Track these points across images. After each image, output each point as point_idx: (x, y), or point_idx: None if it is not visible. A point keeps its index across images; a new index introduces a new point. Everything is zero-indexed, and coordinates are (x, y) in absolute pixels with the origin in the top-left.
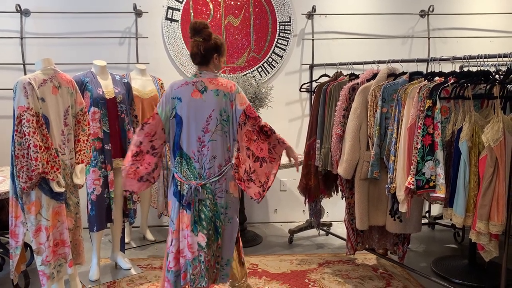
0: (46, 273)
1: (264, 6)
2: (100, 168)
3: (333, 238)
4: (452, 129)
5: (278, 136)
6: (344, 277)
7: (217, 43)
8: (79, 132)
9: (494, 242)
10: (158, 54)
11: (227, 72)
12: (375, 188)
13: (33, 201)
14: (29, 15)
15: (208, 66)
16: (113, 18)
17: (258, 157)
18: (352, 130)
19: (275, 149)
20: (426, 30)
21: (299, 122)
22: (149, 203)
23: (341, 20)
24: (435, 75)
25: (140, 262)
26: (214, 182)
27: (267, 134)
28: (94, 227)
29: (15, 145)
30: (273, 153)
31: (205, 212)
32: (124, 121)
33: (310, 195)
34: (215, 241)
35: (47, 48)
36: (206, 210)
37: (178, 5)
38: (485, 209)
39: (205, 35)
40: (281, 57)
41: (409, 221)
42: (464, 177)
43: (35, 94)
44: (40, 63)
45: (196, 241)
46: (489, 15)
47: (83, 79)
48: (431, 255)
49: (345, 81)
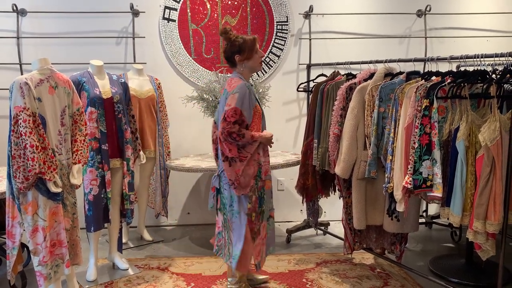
0: (43, 273)
1: (261, 5)
2: (97, 168)
3: (330, 238)
4: (449, 128)
5: (250, 138)
6: (341, 276)
7: (234, 44)
8: (76, 132)
9: (491, 241)
10: (155, 53)
11: (224, 72)
12: (373, 188)
13: (30, 201)
14: (25, 15)
15: (235, 67)
16: (110, 18)
17: (227, 156)
18: (349, 129)
19: (246, 149)
20: (423, 29)
21: (297, 122)
22: (146, 203)
23: (339, 20)
24: (432, 75)
25: (138, 262)
26: (223, 174)
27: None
28: (91, 227)
29: (12, 145)
30: (243, 152)
31: (222, 199)
32: (121, 121)
33: (307, 195)
34: (227, 229)
35: (43, 47)
36: (222, 197)
37: (175, 5)
38: (482, 208)
39: (226, 40)
40: (279, 56)
41: (406, 221)
42: (461, 176)
43: (32, 94)
44: (37, 63)
45: (220, 219)
46: (486, 15)
47: (80, 79)
48: (428, 254)
49: (342, 81)
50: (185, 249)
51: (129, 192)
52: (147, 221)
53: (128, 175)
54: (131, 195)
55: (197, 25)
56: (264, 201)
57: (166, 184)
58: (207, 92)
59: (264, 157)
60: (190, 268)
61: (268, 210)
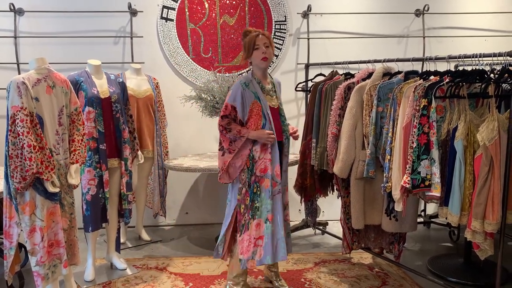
0: (41, 273)
1: (260, 5)
2: (95, 168)
3: (329, 237)
4: (448, 128)
5: (236, 133)
6: (340, 276)
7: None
8: (73, 132)
9: (489, 240)
10: (153, 53)
11: (223, 72)
12: (371, 187)
13: (28, 201)
14: (23, 14)
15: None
16: (108, 17)
17: (222, 146)
18: (347, 129)
19: (235, 143)
20: (421, 29)
21: (295, 121)
22: (144, 203)
23: (337, 20)
24: (431, 74)
25: (136, 262)
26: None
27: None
28: (89, 227)
29: (9, 145)
30: (233, 145)
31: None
32: (119, 120)
33: (306, 194)
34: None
35: (41, 47)
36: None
37: (173, 4)
38: (480, 208)
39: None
40: (277, 56)
41: (404, 220)
42: (460, 176)
43: (29, 94)
44: (34, 63)
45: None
46: (484, 15)
47: (78, 79)
48: (426, 254)
49: (341, 80)
50: (183, 249)
51: (127, 192)
52: (145, 221)
53: (126, 175)
54: (129, 195)
55: (195, 24)
56: (259, 198)
57: (164, 184)
58: (205, 92)
59: (262, 153)
60: (188, 268)
61: (266, 211)
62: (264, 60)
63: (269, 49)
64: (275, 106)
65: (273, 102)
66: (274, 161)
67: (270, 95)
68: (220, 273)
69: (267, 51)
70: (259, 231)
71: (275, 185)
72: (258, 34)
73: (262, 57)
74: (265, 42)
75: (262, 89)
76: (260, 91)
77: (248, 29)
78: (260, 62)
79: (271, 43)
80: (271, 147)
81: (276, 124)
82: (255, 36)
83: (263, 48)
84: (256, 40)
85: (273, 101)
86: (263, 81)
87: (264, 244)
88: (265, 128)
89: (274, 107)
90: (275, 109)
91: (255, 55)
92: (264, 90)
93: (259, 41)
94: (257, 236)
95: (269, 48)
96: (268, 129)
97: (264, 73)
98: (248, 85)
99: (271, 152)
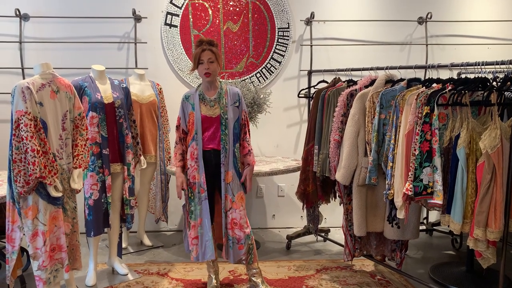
0: (43, 278)
1: (263, 12)
2: (98, 173)
3: (331, 244)
4: (450, 135)
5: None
6: (341, 283)
7: None
8: (77, 137)
9: (491, 249)
10: (157, 59)
11: (226, 78)
12: (373, 194)
13: (30, 205)
14: (28, 20)
15: None
16: (112, 23)
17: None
18: (350, 136)
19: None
20: (424, 37)
21: (297, 128)
22: (146, 209)
23: (340, 27)
24: (433, 82)
25: (137, 267)
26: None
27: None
28: (91, 232)
29: (13, 149)
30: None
31: None
32: (122, 126)
33: (308, 201)
34: None
35: (45, 52)
36: None
37: (177, 11)
38: (483, 216)
39: None
40: (280, 63)
41: (407, 228)
42: (462, 183)
43: (33, 99)
44: (39, 68)
45: None
46: (487, 23)
47: (82, 84)
48: (429, 261)
49: (343, 87)
50: (185, 255)
51: (129, 197)
52: (147, 226)
53: (128, 180)
54: (131, 200)
55: (198, 31)
56: (193, 203)
57: (167, 189)
58: None
59: (192, 161)
60: (189, 274)
61: (198, 215)
62: (206, 76)
63: (213, 65)
64: (214, 115)
65: (210, 112)
66: (200, 170)
67: (210, 105)
68: (221, 278)
69: (211, 66)
70: (195, 232)
71: (202, 192)
72: (204, 50)
73: (204, 73)
74: (210, 58)
75: (204, 100)
76: (197, 103)
77: (200, 40)
78: (203, 77)
79: (217, 58)
80: (197, 156)
81: (209, 133)
82: (200, 52)
83: (205, 64)
84: (201, 56)
85: (211, 111)
86: (206, 92)
87: (197, 244)
88: (196, 136)
89: (212, 117)
90: (213, 118)
91: (199, 69)
92: (205, 101)
93: (203, 56)
94: (193, 236)
95: (213, 63)
96: (197, 138)
97: (208, 85)
98: (188, 97)
99: (197, 161)
